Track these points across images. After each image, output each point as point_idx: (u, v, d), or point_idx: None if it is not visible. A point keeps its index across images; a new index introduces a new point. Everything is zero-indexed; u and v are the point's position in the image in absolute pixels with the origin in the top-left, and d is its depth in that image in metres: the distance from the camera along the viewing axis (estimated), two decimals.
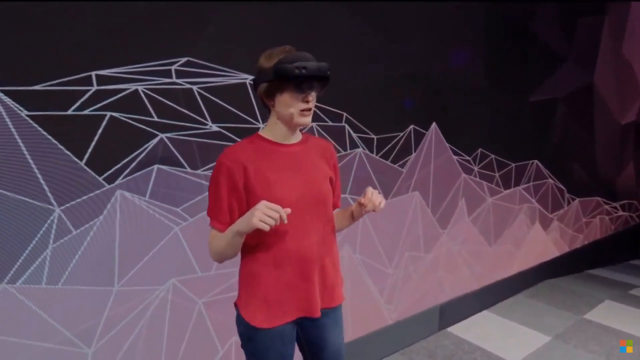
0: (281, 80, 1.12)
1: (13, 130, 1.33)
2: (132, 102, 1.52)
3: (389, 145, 2.39)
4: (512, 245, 3.36)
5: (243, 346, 1.26)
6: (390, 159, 2.40)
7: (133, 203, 1.57)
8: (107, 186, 1.51)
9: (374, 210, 1.24)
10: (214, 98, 1.71)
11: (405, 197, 2.52)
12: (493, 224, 3.16)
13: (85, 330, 1.51)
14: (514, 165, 3.25)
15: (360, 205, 1.28)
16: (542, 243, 3.65)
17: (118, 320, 1.58)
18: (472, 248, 3.02)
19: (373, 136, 2.30)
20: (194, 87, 1.66)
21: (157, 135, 1.59)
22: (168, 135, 1.62)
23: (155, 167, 1.61)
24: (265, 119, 1.77)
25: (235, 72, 1.74)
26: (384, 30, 2.25)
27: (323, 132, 2.08)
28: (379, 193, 1.27)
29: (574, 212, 3.91)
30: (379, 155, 2.35)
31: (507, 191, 3.24)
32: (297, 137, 1.27)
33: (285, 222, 1.06)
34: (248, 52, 1.69)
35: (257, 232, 1.13)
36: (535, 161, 3.45)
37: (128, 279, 1.59)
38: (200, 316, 1.78)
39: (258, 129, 1.81)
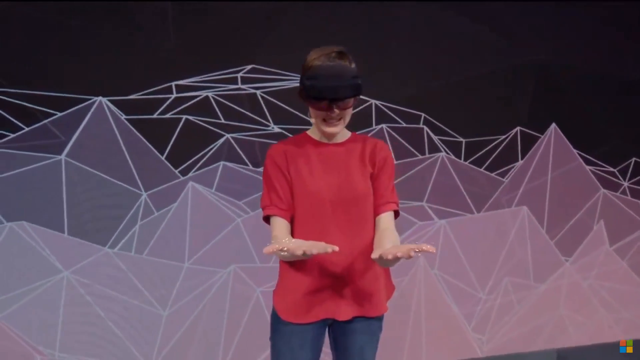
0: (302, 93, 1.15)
1: (115, 130, 1.72)
2: (203, 107, 1.77)
3: (484, 150, 2.07)
4: None
5: (270, 337, 1.29)
6: (484, 166, 2.08)
7: (202, 194, 1.82)
8: (181, 178, 1.79)
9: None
10: (275, 101, 1.83)
11: (507, 211, 2.13)
12: None
13: (161, 296, 1.83)
14: None
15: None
16: None
17: (187, 292, 1.85)
18: (617, 287, 2.33)
19: (461, 139, 2.04)
20: (258, 92, 1.81)
21: (223, 135, 1.80)
22: (233, 135, 1.81)
23: (222, 163, 1.82)
24: None
25: (296, 75, 1.82)
26: (475, 14, 1.97)
27: (395, 134, 1.96)
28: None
29: None
30: (469, 161, 2.06)
31: None
32: (342, 136, 1.24)
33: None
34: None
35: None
36: None
37: (196, 259, 1.85)
38: (258, 303, 1.93)
39: None
